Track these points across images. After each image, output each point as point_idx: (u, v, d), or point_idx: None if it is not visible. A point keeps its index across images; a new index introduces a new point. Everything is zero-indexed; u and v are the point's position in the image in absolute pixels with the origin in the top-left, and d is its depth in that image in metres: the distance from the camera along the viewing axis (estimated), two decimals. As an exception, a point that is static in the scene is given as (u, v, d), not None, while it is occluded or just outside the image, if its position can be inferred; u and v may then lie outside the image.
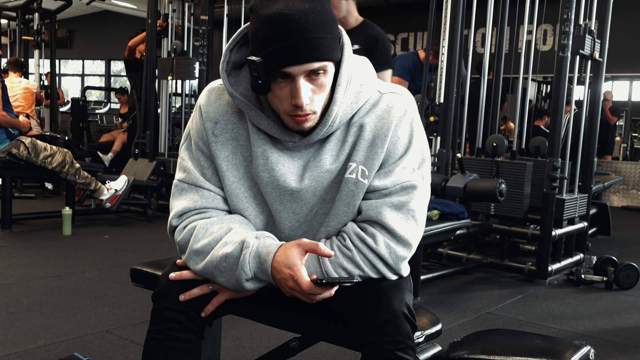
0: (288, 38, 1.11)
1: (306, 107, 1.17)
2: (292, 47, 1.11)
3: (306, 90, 1.16)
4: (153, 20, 5.85)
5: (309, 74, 1.16)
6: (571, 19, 3.60)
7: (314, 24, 1.12)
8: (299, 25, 1.11)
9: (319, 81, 1.17)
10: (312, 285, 1.16)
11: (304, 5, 1.12)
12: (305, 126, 1.21)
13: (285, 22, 1.11)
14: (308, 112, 1.19)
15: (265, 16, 1.12)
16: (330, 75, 1.19)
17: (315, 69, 1.15)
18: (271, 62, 1.13)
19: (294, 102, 1.17)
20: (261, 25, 1.13)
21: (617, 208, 7.97)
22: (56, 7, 7.28)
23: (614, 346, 2.67)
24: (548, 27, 9.49)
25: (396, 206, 1.25)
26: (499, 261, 3.91)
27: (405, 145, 1.27)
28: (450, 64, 3.92)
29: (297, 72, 1.14)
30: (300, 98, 1.15)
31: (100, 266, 3.66)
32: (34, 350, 2.31)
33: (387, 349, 1.15)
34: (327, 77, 1.18)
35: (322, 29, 1.13)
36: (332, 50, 1.16)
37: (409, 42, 11.29)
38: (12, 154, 4.44)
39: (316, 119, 1.22)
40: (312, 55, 1.13)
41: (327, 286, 1.16)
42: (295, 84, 1.15)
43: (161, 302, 1.27)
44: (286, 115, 1.21)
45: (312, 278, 1.17)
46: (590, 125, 4.34)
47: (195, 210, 1.31)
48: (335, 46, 1.17)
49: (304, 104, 1.16)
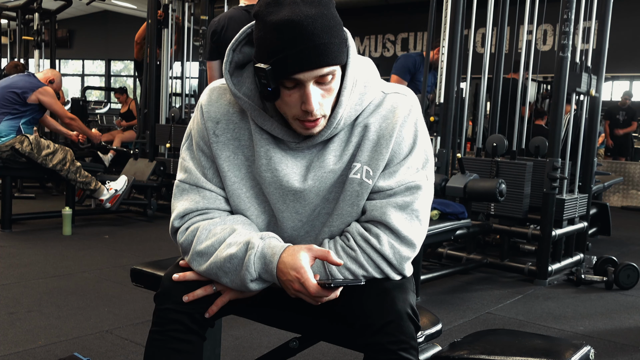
0: (298, 45, 1.10)
1: (316, 112, 1.17)
2: (302, 54, 1.11)
3: (316, 95, 1.16)
4: (153, 21, 5.85)
5: (318, 79, 1.15)
6: (571, 19, 3.60)
7: (322, 29, 1.11)
8: (307, 31, 1.10)
9: (328, 85, 1.17)
10: (320, 289, 1.16)
11: (311, 10, 1.11)
12: (314, 131, 1.21)
13: (294, 29, 1.10)
14: (318, 116, 1.18)
15: (273, 23, 1.11)
16: (338, 79, 1.19)
17: (324, 74, 1.14)
18: (281, 69, 1.12)
19: (304, 108, 1.16)
20: (269, 32, 1.12)
21: (617, 208, 7.97)
22: (56, 7, 7.28)
23: (614, 346, 2.67)
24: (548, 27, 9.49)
25: (401, 206, 1.25)
26: (499, 261, 3.91)
27: (409, 145, 1.27)
28: (450, 64, 3.92)
29: (307, 78, 1.13)
30: (311, 104, 1.15)
31: (100, 266, 3.66)
32: (34, 350, 2.31)
33: (391, 348, 1.15)
34: (335, 80, 1.18)
35: (330, 33, 1.13)
36: (341, 54, 1.16)
37: (409, 42, 11.29)
38: (15, 149, 4.45)
39: (324, 122, 1.22)
40: (322, 60, 1.12)
41: (334, 289, 1.17)
42: (305, 90, 1.14)
43: (164, 303, 1.27)
44: (295, 120, 1.20)
45: (318, 281, 1.17)
46: (590, 125, 4.34)
47: (198, 211, 1.31)
48: (343, 50, 1.17)
49: (314, 109, 1.16)
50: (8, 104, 4.47)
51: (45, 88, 4.62)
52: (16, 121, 4.52)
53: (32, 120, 4.67)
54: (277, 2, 1.12)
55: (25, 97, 4.50)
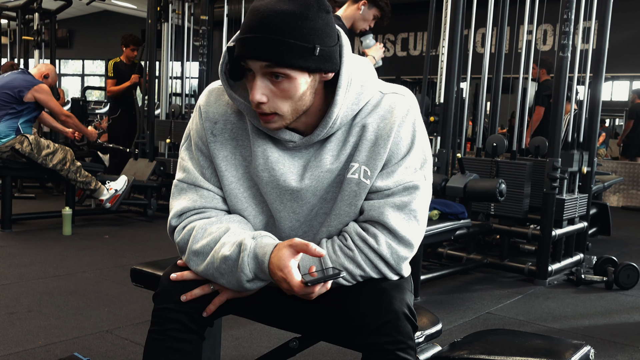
0: (251, 32, 1.13)
1: (263, 107, 1.18)
2: (250, 41, 1.13)
3: (262, 88, 1.17)
4: (153, 21, 5.85)
5: (269, 74, 1.16)
6: (571, 19, 3.60)
7: (282, 26, 1.11)
8: (264, 22, 1.12)
9: (281, 86, 1.17)
10: (303, 287, 1.15)
11: (284, 6, 1.12)
12: (270, 126, 1.22)
13: (255, 16, 1.13)
14: (267, 111, 1.19)
15: (251, 7, 1.16)
16: (296, 86, 1.17)
17: (273, 71, 1.15)
18: (237, 50, 1.17)
19: (249, 97, 1.19)
20: (246, 15, 1.17)
21: (617, 208, 7.97)
22: (56, 7, 7.27)
23: (614, 346, 2.67)
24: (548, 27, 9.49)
25: (398, 206, 1.25)
26: (499, 261, 3.91)
27: (407, 145, 1.27)
28: (450, 64, 3.92)
29: (255, 67, 1.16)
30: (253, 94, 1.17)
31: (100, 266, 3.66)
32: (34, 350, 2.31)
33: (388, 349, 1.15)
34: (293, 84, 1.16)
35: (292, 34, 1.12)
36: (299, 59, 1.13)
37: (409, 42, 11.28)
38: (15, 149, 4.44)
39: (282, 122, 1.21)
40: (266, 55, 1.13)
41: (315, 286, 1.16)
42: (254, 80, 1.17)
43: (162, 302, 1.27)
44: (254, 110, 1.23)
45: (301, 279, 1.16)
46: (590, 125, 4.33)
47: (195, 210, 1.31)
48: (308, 57, 1.14)
49: (255, 99, 1.17)
50: (5, 104, 4.46)
51: (41, 86, 4.59)
52: (15, 121, 4.51)
53: (30, 119, 4.66)
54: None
55: (22, 96, 4.49)
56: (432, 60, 4.46)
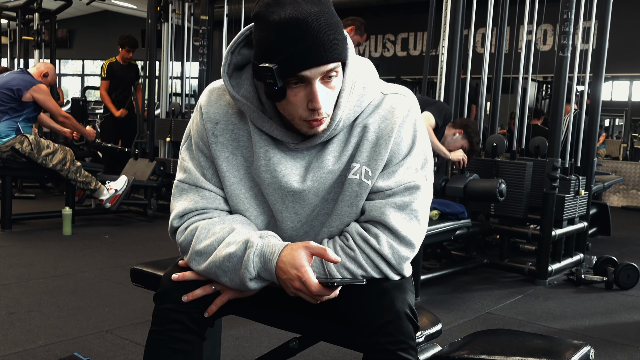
0: (304, 42, 1.10)
1: (322, 111, 1.17)
2: (309, 51, 1.11)
3: (322, 93, 1.16)
4: (153, 21, 5.85)
5: (324, 77, 1.15)
6: (571, 19, 3.60)
7: (326, 25, 1.12)
8: (313, 28, 1.10)
9: (332, 83, 1.17)
10: (321, 287, 1.16)
11: (313, 8, 1.12)
12: (319, 130, 1.21)
13: (299, 26, 1.10)
14: (323, 115, 1.19)
15: (277, 22, 1.11)
16: (340, 76, 1.20)
17: (329, 70, 1.15)
18: (287, 67, 1.12)
19: (311, 107, 1.16)
20: (273, 32, 1.12)
21: (617, 208, 7.97)
22: (56, 7, 7.27)
23: (614, 346, 2.67)
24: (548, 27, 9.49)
25: (399, 207, 1.25)
26: (499, 261, 3.91)
27: (408, 145, 1.27)
28: (450, 64, 3.92)
29: (314, 75, 1.13)
30: (318, 102, 1.15)
31: (100, 266, 3.66)
32: (34, 350, 2.31)
33: (390, 349, 1.15)
34: (338, 78, 1.19)
35: (333, 30, 1.14)
36: (344, 51, 1.18)
37: (409, 42, 11.28)
38: (15, 149, 4.44)
39: (328, 121, 1.22)
40: (328, 56, 1.13)
41: (335, 288, 1.16)
42: (312, 88, 1.15)
43: (163, 303, 1.27)
44: (301, 121, 1.19)
45: (319, 279, 1.17)
46: (590, 125, 4.33)
47: (197, 211, 1.31)
48: (345, 47, 1.18)
49: (321, 107, 1.16)
50: (4, 104, 4.46)
51: (39, 86, 4.58)
52: (14, 121, 4.51)
53: (30, 119, 4.65)
54: (278, 2, 1.12)
55: (21, 96, 4.48)
56: (432, 60, 4.47)
